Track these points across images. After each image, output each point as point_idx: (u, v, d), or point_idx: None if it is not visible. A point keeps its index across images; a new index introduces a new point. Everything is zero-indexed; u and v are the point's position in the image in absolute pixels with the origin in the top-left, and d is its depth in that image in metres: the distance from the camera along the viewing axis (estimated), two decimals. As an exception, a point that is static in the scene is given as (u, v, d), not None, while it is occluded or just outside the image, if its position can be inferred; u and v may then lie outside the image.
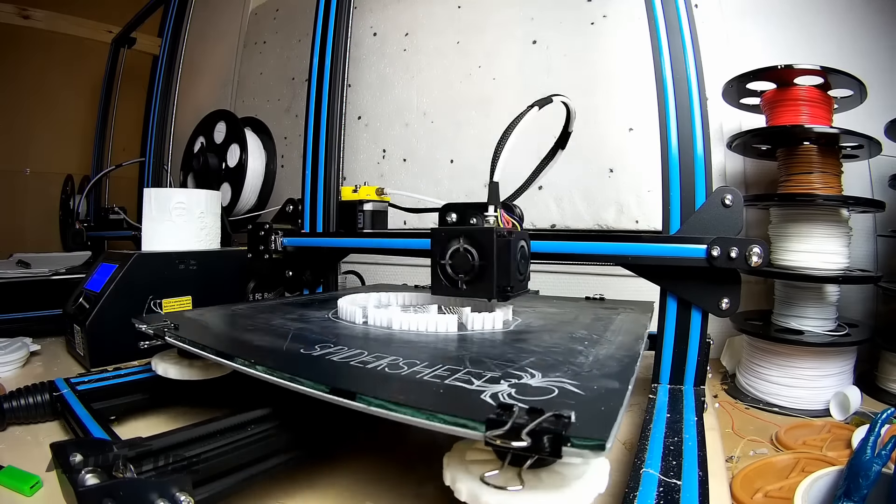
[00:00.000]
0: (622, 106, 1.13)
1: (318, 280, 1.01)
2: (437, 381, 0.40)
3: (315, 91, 1.02)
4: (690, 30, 0.66)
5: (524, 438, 0.29)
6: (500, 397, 0.35)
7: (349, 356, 0.48)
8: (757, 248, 0.58)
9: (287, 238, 0.99)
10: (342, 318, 0.66)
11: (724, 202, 0.61)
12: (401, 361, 0.45)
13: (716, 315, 0.63)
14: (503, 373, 0.42)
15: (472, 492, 0.34)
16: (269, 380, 0.44)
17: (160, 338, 0.57)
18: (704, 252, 0.60)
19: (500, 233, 0.54)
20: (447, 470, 0.37)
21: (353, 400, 0.37)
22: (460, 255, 0.55)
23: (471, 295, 0.55)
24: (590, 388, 0.38)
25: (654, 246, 0.63)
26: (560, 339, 0.56)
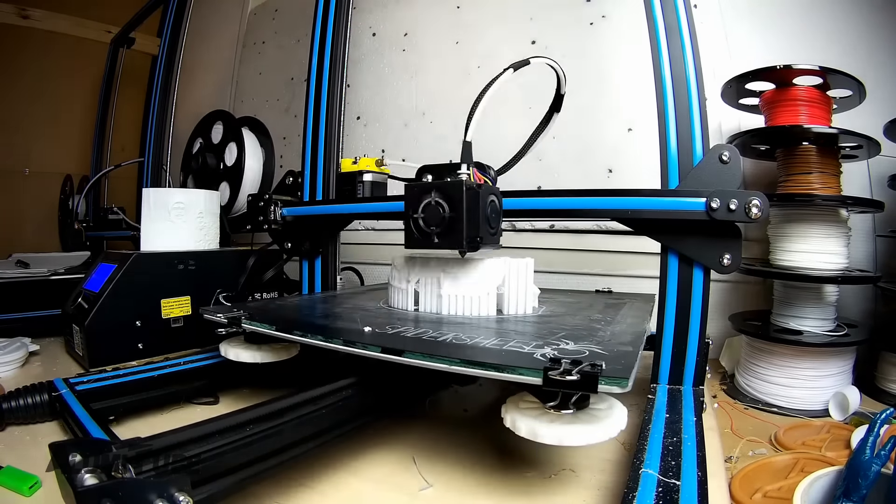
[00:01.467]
0: (621, 106, 1.13)
1: (317, 250, 1.00)
2: (496, 348, 0.49)
3: (314, 91, 1.02)
4: (689, 30, 0.66)
5: (574, 374, 0.39)
6: (548, 355, 0.45)
7: (418, 333, 0.55)
8: (756, 200, 0.58)
9: (287, 208, 0.99)
10: (394, 306, 0.73)
11: (721, 158, 0.62)
12: (462, 335, 0.54)
13: (718, 271, 0.63)
14: (544, 342, 0.51)
15: (530, 427, 0.44)
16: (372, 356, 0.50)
17: (237, 325, 0.62)
18: (704, 205, 0.60)
19: (469, 185, 0.57)
20: (507, 415, 0.47)
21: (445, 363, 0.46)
22: (432, 209, 0.58)
23: (442, 246, 0.59)
24: (611, 350, 0.48)
25: (654, 200, 0.63)
26: (581, 321, 0.65)
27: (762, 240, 0.91)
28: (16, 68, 2.02)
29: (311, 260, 1.01)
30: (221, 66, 2.01)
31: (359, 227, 1.50)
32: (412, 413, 0.68)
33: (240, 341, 0.69)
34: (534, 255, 0.70)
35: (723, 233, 0.62)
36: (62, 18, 2.00)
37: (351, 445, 0.58)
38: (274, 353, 0.67)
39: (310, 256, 1.01)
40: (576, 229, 1.17)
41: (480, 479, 0.52)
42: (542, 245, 1.19)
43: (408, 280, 0.71)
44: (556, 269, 1.17)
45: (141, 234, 1.05)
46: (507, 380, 0.42)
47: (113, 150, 1.95)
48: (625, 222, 0.66)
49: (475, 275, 0.67)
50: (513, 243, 1.21)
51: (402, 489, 0.50)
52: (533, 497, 0.49)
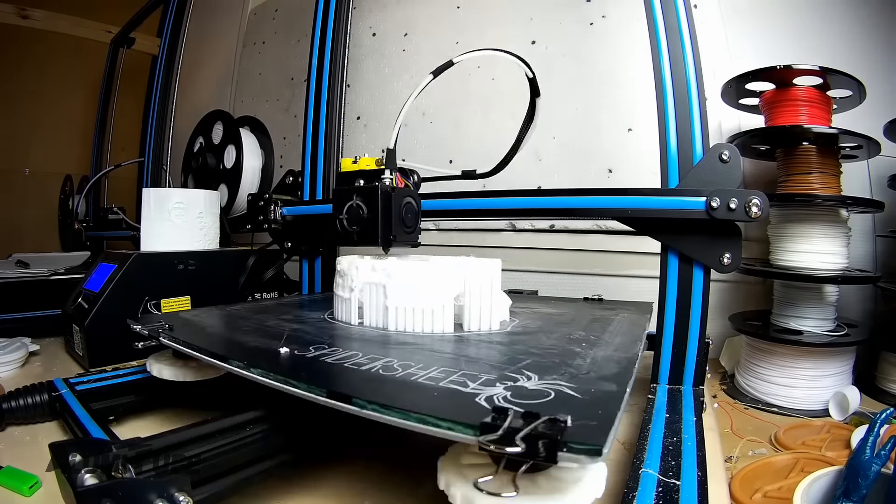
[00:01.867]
0: (621, 106, 1.13)
1: (317, 250, 1.00)
2: (431, 384, 0.39)
3: (314, 91, 1.02)
4: (689, 30, 0.66)
5: (518, 444, 0.29)
6: (495, 400, 0.35)
7: (344, 357, 0.47)
8: (756, 199, 0.58)
9: (287, 207, 0.99)
10: (337, 318, 0.66)
11: (721, 157, 0.62)
12: (395, 363, 0.45)
13: (718, 270, 0.63)
14: (499, 375, 0.41)
15: (466, 497, 0.34)
16: (264, 382, 0.43)
17: (155, 339, 0.57)
18: (704, 204, 0.60)
19: (383, 189, 0.61)
20: (441, 474, 0.37)
21: (348, 403, 0.36)
22: (353, 210, 0.63)
23: (361, 243, 0.62)
24: (587, 392, 0.37)
25: (654, 199, 0.63)
26: (557, 341, 0.55)
27: (762, 240, 0.91)
28: (16, 68, 2.02)
29: (310, 259, 1.01)
30: (221, 66, 2.01)
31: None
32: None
33: (168, 355, 0.64)
34: (533, 255, 0.70)
35: (723, 232, 0.62)
36: (62, 18, 2.00)
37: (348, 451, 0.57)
38: (200, 371, 0.61)
39: (310, 256, 1.01)
40: (575, 229, 1.17)
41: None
42: (542, 245, 1.19)
43: (351, 287, 0.63)
44: (556, 270, 1.17)
45: (141, 234, 1.05)
46: (433, 434, 0.32)
47: (113, 150, 1.95)
48: (625, 221, 0.66)
49: (426, 281, 0.58)
50: (513, 243, 1.22)
51: (402, 489, 0.50)
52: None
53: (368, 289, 0.61)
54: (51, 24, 1.98)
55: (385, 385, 0.40)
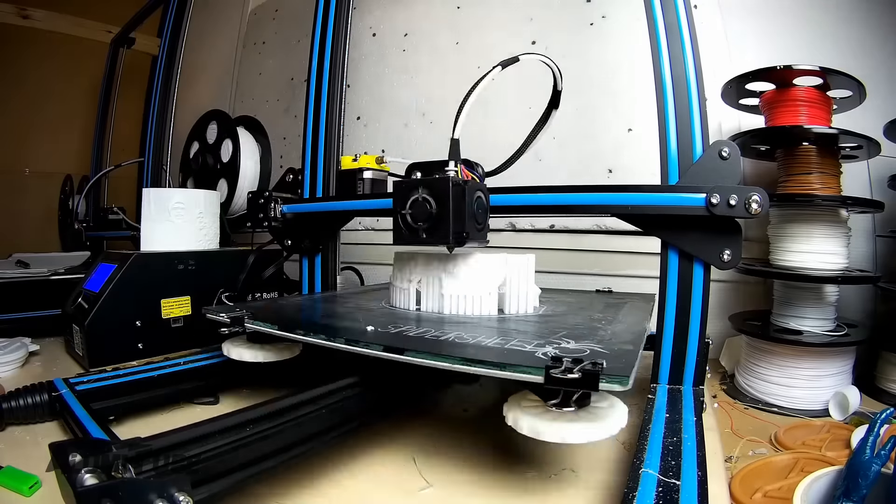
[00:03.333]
0: (621, 106, 1.13)
1: (317, 248, 1.00)
2: (499, 346, 0.49)
3: (314, 91, 1.02)
4: (690, 30, 0.66)
5: (576, 373, 0.40)
6: (549, 354, 0.45)
7: (420, 332, 0.56)
8: (756, 196, 0.58)
9: (287, 205, 0.99)
10: (396, 306, 0.74)
11: (721, 154, 0.62)
12: (464, 335, 0.54)
13: (718, 267, 0.63)
14: (546, 341, 0.51)
15: (531, 425, 0.44)
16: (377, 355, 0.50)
17: (239, 325, 0.62)
18: (704, 200, 0.60)
19: (455, 182, 0.58)
20: (509, 413, 0.47)
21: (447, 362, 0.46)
22: (419, 205, 0.59)
23: (429, 242, 0.59)
24: (612, 349, 0.49)
25: (654, 196, 0.63)
26: (582, 320, 0.66)
27: (762, 240, 0.91)
28: (16, 68, 2.02)
29: (311, 258, 1.01)
30: (221, 66, 2.01)
31: (358, 227, 1.50)
32: (412, 413, 0.68)
33: (242, 341, 0.69)
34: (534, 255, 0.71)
35: (723, 228, 0.62)
36: (62, 18, 2.00)
37: (351, 445, 0.58)
38: (276, 352, 0.68)
39: (310, 254, 1.01)
40: (575, 229, 1.17)
41: (480, 479, 0.52)
42: (542, 245, 1.19)
43: (409, 280, 0.71)
44: (556, 269, 1.17)
45: (141, 234, 1.05)
46: (510, 378, 0.43)
47: (113, 150, 1.94)
48: (625, 218, 0.66)
49: (476, 274, 0.67)
50: (513, 243, 1.22)
51: (402, 488, 0.50)
52: (533, 497, 0.49)
53: (426, 279, 0.70)
54: (51, 24, 1.98)
55: (466, 348, 0.49)
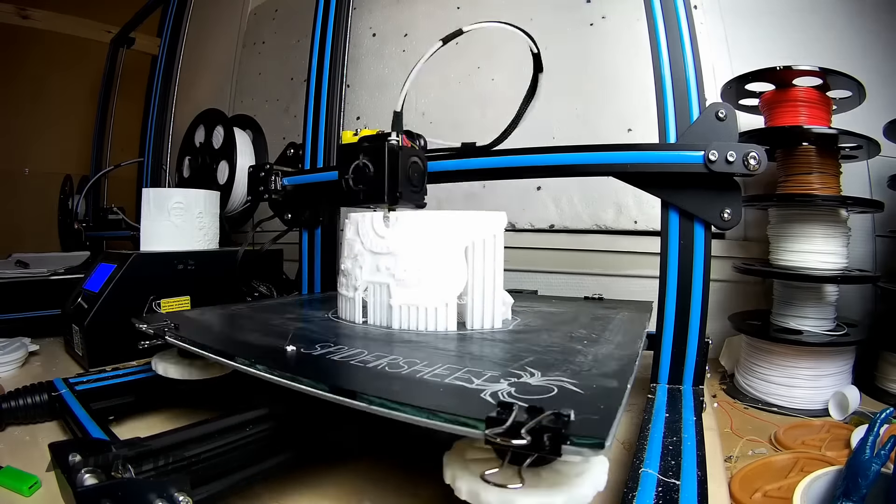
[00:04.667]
0: (621, 106, 1.13)
1: (318, 220, 1.00)
2: (436, 380, 0.40)
3: (314, 91, 1.02)
4: (689, 30, 0.66)
5: (524, 436, 0.29)
6: (499, 396, 0.35)
7: (349, 355, 0.47)
8: (754, 152, 0.59)
9: (287, 177, 0.99)
10: (342, 317, 0.66)
11: (717, 115, 0.62)
12: (401, 360, 0.45)
13: (718, 227, 0.63)
14: (503, 371, 0.41)
15: (471, 490, 0.34)
16: (271, 379, 0.43)
17: (160, 337, 0.57)
18: (702, 158, 0.61)
19: (390, 146, 0.61)
20: (447, 468, 0.37)
21: (354, 399, 0.37)
22: (359, 169, 0.62)
23: (368, 202, 0.62)
24: (589, 387, 0.38)
25: (652, 154, 0.64)
26: (559, 339, 0.55)
27: (762, 240, 0.91)
28: (16, 68, 2.02)
29: (311, 231, 1.01)
30: (221, 66, 2.01)
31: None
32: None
33: (173, 354, 0.64)
34: (533, 255, 0.70)
35: (722, 186, 0.62)
36: (62, 18, 2.00)
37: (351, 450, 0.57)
38: (205, 369, 0.62)
39: (310, 227, 1.00)
40: (575, 229, 1.18)
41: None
42: (542, 245, 1.19)
43: (355, 287, 0.63)
44: (556, 269, 1.17)
45: (140, 234, 1.05)
46: (440, 429, 0.33)
47: (113, 150, 1.94)
48: (624, 177, 0.66)
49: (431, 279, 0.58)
50: (512, 243, 1.21)
51: (402, 488, 0.50)
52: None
53: (372, 287, 0.62)
54: (51, 24, 1.98)
55: (391, 382, 0.40)
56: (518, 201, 1.23)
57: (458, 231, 0.59)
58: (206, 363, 0.61)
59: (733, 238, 1.04)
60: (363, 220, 0.63)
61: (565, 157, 0.68)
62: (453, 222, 0.59)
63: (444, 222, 0.59)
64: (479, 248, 0.59)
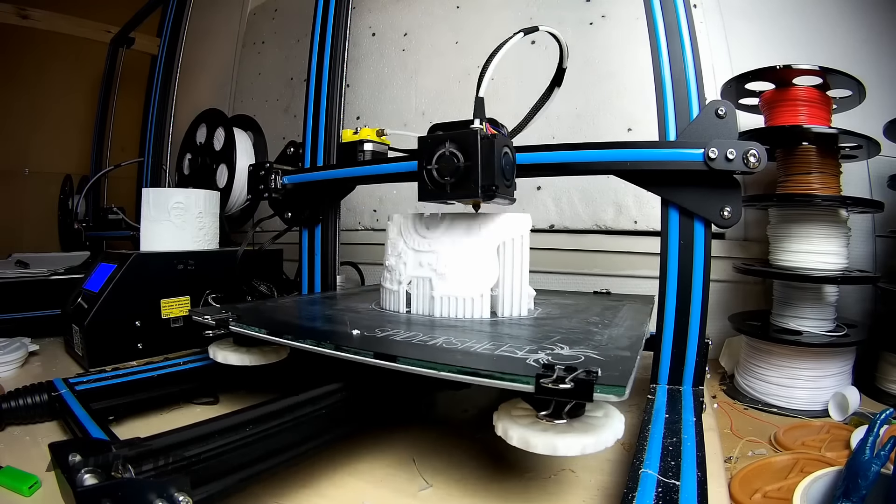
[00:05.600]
0: (621, 106, 1.13)
1: (317, 218, 1.00)
2: (489, 353, 0.47)
3: (314, 91, 1.02)
4: (689, 30, 0.66)
5: (568, 383, 0.37)
6: (541, 361, 0.43)
7: (409, 336, 0.53)
8: (754, 150, 0.58)
9: (287, 176, 0.98)
10: (386, 308, 0.72)
11: (717, 113, 0.62)
12: (453, 339, 0.52)
13: (718, 225, 0.63)
14: (538, 346, 0.49)
15: (521, 436, 0.42)
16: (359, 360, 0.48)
17: (224, 327, 0.60)
18: (702, 155, 0.61)
19: (483, 135, 0.56)
20: (498, 423, 0.45)
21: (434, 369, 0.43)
22: (446, 159, 0.57)
23: (457, 196, 0.58)
24: (608, 356, 0.46)
25: (652, 151, 0.63)
26: (577, 324, 0.63)
27: (762, 240, 0.91)
28: (16, 68, 2.02)
29: (311, 229, 1.01)
30: (221, 66, 2.01)
31: (358, 227, 1.50)
32: (411, 414, 0.68)
33: (229, 343, 0.68)
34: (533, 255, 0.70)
35: (722, 184, 0.62)
36: (62, 18, 2.00)
37: (350, 445, 0.57)
38: (263, 355, 0.66)
39: (310, 225, 1.00)
40: (575, 229, 1.18)
41: (479, 479, 0.52)
42: (542, 245, 1.19)
43: (399, 281, 0.69)
44: (556, 270, 1.17)
45: (140, 234, 1.05)
46: (499, 387, 0.40)
47: (113, 150, 1.94)
48: (624, 175, 0.66)
49: (468, 274, 0.65)
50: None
51: (402, 489, 0.50)
52: (532, 497, 0.49)
53: (416, 281, 0.68)
54: (51, 24, 1.98)
55: (454, 354, 0.47)
56: (518, 201, 1.22)
57: (490, 232, 0.66)
58: (262, 350, 0.66)
59: (733, 238, 1.04)
60: (405, 222, 0.70)
61: (565, 154, 0.68)
62: (487, 224, 0.66)
63: (479, 224, 0.66)
64: (509, 246, 0.67)
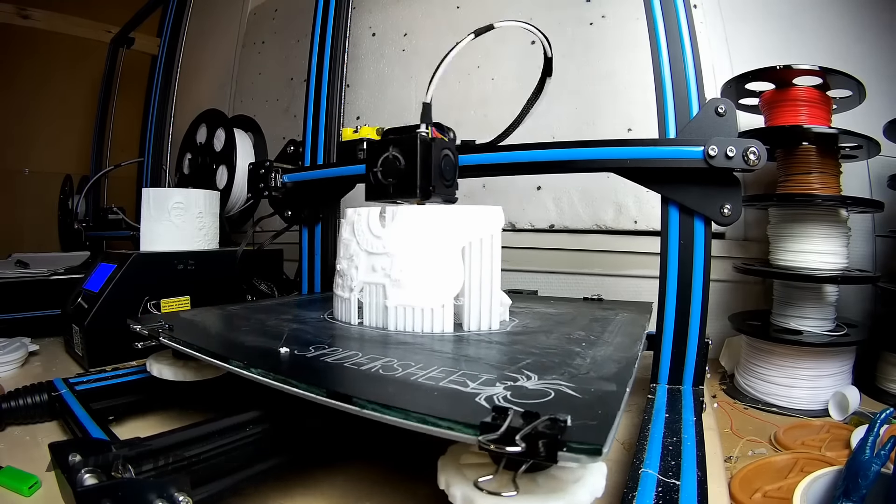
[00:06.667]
0: (621, 105, 1.13)
1: (317, 216, 1.00)
2: (431, 384, 0.39)
3: (314, 91, 1.02)
4: (689, 30, 0.66)
5: (518, 443, 0.28)
6: (495, 400, 0.34)
7: (343, 357, 0.47)
8: (754, 147, 0.59)
9: (287, 174, 0.98)
10: (337, 318, 0.65)
11: (717, 111, 0.63)
12: (395, 363, 0.44)
13: (719, 223, 0.63)
14: (499, 374, 0.41)
15: (466, 497, 0.34)
16: (265, 382, 0.43)
17: (155, 339, 0.57)
18: (702, 153, 0.61)
19: (422, 139, 0.59)
20: (441, 474, 0.37)
21: (348, 403, 0.36)
22: (389, 162, 0.60)
23: (398, 196, 0.60)
24: (587, 391, 0.37)
25: (652, 149, 0.64)
26: (557, 341, 0.54)
27: (762, 240, 0.91)
28: (16, 68, 2.02)
29: (311, 228, 1.01)
30: (221, 66, 2.01)
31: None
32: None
33: (168, 355, 0.64)
34: (533, 255, 0.70)
35: (722, 181, 0.62)
36: (62, 18, 2.00)
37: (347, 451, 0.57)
38: (199, 371, 0.61)
39: (310, 224, 1.00)
40: (575, 229, 1.17)
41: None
42: (542, 245, 1.19)
43: (350, 288, 0.62)
44: (556, 270, 1.17)
45: (140, 234, 1.05)
46: (433, 434, 0.32)
47: (113, 150, 1.95)
48: (624, 173, 0.66)
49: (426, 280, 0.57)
50: (512, 243, 1.22)
51: (402, 488, 0.50)
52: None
53: (368, 288, 0.61)
54: (51, 24, 1.98)
55: (385, 385, 0.39)
56: (518, 201, 1.23)
57: (454, 230, 0.58)
58: (201, 365, 0.61)
59: (733, 238, 1.04)
60: (359, 220, 0.62)
61: (565, 152, 0.68)
62: (450, 220, 0.58)
63: (440, 220, 0.58)
64: (476, 247, 0.58)
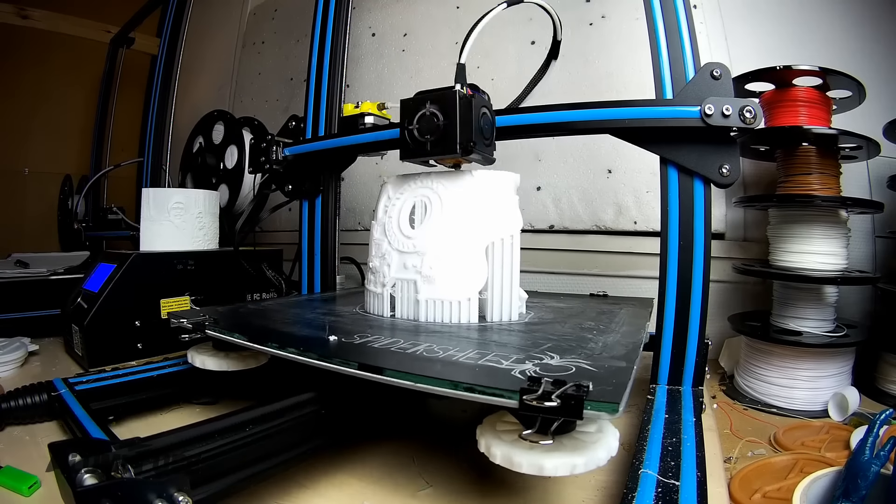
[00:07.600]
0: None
1: (318, 189, 0.99)
2: (471, 362, 0.44)
3: (314, 91, 1.02)
4: (689, 30, 0.66)
5: (554, 400, 0.34)
6: (527, 373, 0.40)
7: (388, 343, 0.51)
8: (750, 106, 0.59)
9: (288, 147, 0.98)
10: (370, 312, 0.70)
11: (713, 74, 0.63)
12: (435, 347, 0.49)
13: (717, 184, 0.63)
14: (526, 355, 0.46)
15: (505, 454, 0.39)
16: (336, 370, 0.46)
17: (200, 331, 0.59)
18: (699, 112, 0.61)
19: (461, 95, 0.58)
20: (481, 438, 0.42)
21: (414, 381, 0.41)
22: (426, 118, 0.59)
23: (436, 153, 0.59)
24: (602, 367, 0.42)
25: (649, 109, 0.64)
26: (570, 329, 0.60)
27: (762, 240, 0.91)
28: (16, 68, 2.02)
29: (311, 201, 1.01)
30: (221, 66, 2.01)
31: (358, 227, 1.50)
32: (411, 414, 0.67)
33: (208, 347, 0.66)
34: (533, 256, 0.70)
35: (719, 141, 0.63)
36: (61, 18, 2.00)
37: (350, 446, 0.57)
38: (241, 361, 0.64)
39: (310, 197, 1.00)
40: (575, 229, 1.18)
41: (479, 479, 0.52)
42: (542, 245, 1.19)
43: (383, 284, 0.66)
44: (556, 270, 1.17)
45: (140, 234, 1.05)
46: (480, 401, 0.38)
47: (113, 150, 1.95)
48: (621, 134, 0.66)
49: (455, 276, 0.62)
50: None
51: (402, 489, 0.50)
52: (532, 497, 0.49)
53: (400, 284, 0.65)
54: (51, 24, 1.98)
55: (434, 363, 0.44)
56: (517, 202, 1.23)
57: (479, 230, 0.62)
58: (241, 355, 0.64)
59: (733, 239, 1.04)
60: (390, 222, 0.67)
61: (562, 115, 0.68)
62: (475, 224, 0.62)
63: (466, 224, 0.62)
64: (499, 246, 0.63)
